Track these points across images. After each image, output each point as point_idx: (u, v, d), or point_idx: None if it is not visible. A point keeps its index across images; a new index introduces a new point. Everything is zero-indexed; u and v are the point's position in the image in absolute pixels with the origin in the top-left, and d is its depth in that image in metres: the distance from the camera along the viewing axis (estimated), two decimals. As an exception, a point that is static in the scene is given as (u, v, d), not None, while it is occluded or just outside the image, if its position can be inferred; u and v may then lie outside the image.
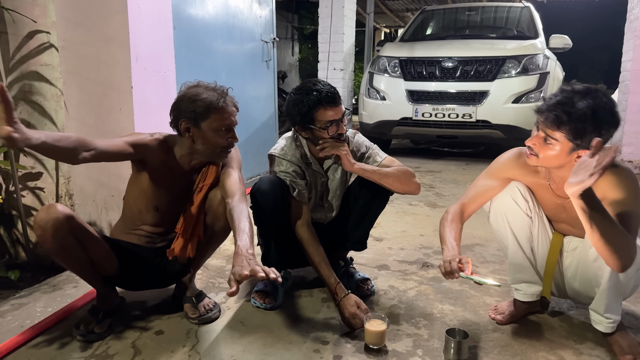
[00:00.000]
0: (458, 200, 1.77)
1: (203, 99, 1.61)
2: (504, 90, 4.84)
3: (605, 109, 1.37)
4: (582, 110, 1.36)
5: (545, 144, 1.45)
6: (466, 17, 6.56)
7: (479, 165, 5.01)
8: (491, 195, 1.72)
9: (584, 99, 1.38)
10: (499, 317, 1.76)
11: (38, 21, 2.21)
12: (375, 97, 5.40)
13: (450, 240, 1.61)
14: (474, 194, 1.74)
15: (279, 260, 1.92)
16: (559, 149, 1.43)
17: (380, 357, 1.53)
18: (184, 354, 1.54)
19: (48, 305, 1.85)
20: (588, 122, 1.36)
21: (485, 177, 1.75)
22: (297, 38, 14.19)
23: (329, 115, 1.73)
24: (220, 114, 1.63)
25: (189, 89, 1.66)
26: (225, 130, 1.66)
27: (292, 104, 1.77)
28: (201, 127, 1.63)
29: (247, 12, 3.66)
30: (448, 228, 1.66)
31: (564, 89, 1.44)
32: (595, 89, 1.41)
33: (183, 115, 1.63)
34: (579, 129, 1.37)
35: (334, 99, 1.73)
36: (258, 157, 3.88)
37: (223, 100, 1.64)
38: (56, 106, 2.28)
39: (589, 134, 1.36)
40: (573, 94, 1.40)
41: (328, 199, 1.97)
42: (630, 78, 4.69)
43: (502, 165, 1.71)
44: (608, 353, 1.56)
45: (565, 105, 1.39)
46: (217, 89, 1.66)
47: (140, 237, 1.75)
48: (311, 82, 1.77)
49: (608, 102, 1.39)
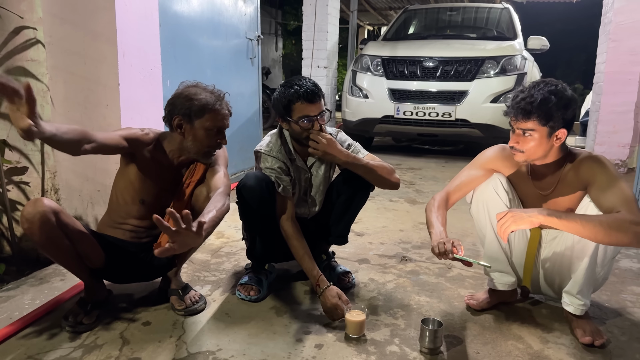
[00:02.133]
0: (443, 188, 1.86)
1: (200, 99, 1.68)
2: (482, 90, 4.96)
3: (560, 90, 1.57)
4: (542, 96, 1.55)
5: (525, 137, 1.60)
6: (447, 17, 6.67)
7: (458, 163, 5.14)
8: (475, 184, 1.83)
9: (540, 88, 1.58)
10: (472, 302, 1.87)
11: (24, 17, 2.22)
12: (358, 95, 5.48)
13: (437, 225, 1.70)
14: (459, 182, 1.84)
15: (263, 254, 1.99)
16: (538, 136, 1.58)
17: (359, 345, 1.61)
18: (171, 344, 1.59)
19: (36, 297, 1.88)
20: (551, 103, 1.54)
21: (470, 168, 1.86)
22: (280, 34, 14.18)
23: (304, 110, 1.79)
24: (215, 115, 1.69)
25: (188, 87, 1.73)
26: (216, 132, 1.72)
27: (276, 95, 1.86)
28: (194, 125, 1.69)
29: (232, 10, 3.70)
30: (435, 214, 1.75)
31: (521, 89, 1.63)
32: (546, 79, 1.62)
33: (178, 111, 1.69)
34: (545, 111, 1.54)
35: (312, 95, 1.79)
36: (242, 153, 3.93)
37: (219, 103, 1.71)
38: (42, 101, 2.30)
39: (556, 113, 1.55)
40: (529, 88, 1.60)
41: (311, 194, 2.03)
42: (603, 80, 4.85)
43: (487, 157, 1.83)
44: (572, 341, 1.67)
45: (527, 98, 1.57)
46: (214, 92, 1.73)
47: (125, 232, 1.78)
48: (297, 78, 1.85)
49: (560, 85, 1.59)
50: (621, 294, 2.06)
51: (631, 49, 4.68)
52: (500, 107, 4.86)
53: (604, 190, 1.55)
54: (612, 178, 1.56)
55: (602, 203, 1.55)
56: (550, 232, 1.77)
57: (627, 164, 4.90)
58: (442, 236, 1.62)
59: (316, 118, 1.81)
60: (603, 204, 1.55)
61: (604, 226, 1.44)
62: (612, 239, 1.47)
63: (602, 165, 1.60)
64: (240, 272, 2.17)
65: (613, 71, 4.78)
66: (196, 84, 1.75)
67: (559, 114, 1.55)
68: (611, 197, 1.53)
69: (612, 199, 1.52)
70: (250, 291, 1.92)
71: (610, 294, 2.05)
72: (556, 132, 1.58)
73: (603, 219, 1.47)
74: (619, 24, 4.70)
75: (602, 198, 1.55)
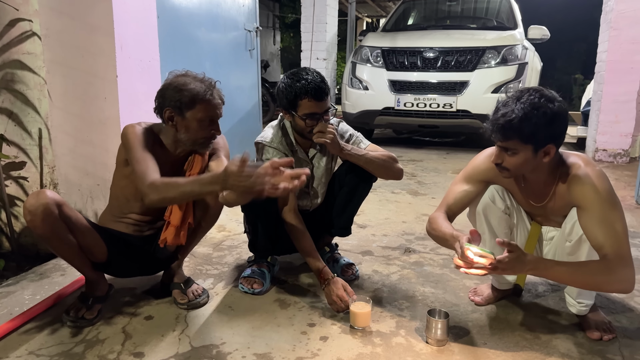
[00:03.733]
0: (439, 206, 1.73)
1: (190, 89, 1.61)
2: (483, 80, 4.93)
3: (543, 104, 1.39)
4: (522, 112, 1.38)
5: (509, 155, 1.47)
6: (447, 8, 6.62)
7: (460, 154, 5.11)
8: (470, 199, 1.71)
9: (519, 102, 1.41)
10: (477, 298, 1.84)
11: (20, 9, 2.18)
12: (358, 87, 5.44)
13: (451, 230, 1.55)
14: (453, 200, 1.71)
15: (266, 246, 1.97)
16: (522, 155, 1.45)
17: (365, 337, 1.59)
18: (174, 338, 1.57)
19: (36, 292, 1.86)
20: (532, 121, 1.38)
21: (461, 182, 1.73)
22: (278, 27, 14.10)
23: (311, 107, 1.76)
24: (206, 105, 1.63)
25: (177, 77, 1.66)
26: (209, 122, 1.66)
27: (282, 86, 1.81)
28: (185, 117, 1.63)
29: (230, 1, 3.66)
30: (443, 223, 1.62)
31: (502, 101, 1.46)
32: (527, 89, 1.45)
33: (168, 104, 1.63)
34: (527, 130, 1.39)
35: (320, 93, 1.75)
36: (242, 146, 3.88)
37: (210, 92, 1.64)
38: (40, 95, 2.27)
39: (539, 131, 1.40)
40: (511, 101, 1.43)
41: (313, 186, 2.01)
42: (605, 69, 4.81)
43: (476, 169, 1.71)
44: (580, 331, 1.65)
45: (505, 115, 1.41)
46: (204, 80, 1.66)
47: (128, 225, 1.76)
48: (305, 71, 1.80)
49: (544, 96, 1.41)
50: (627, 283, 2.04)
51: (633, 38, 4.65)
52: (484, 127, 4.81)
53: (595, 223, 1.44)
54: (605, 210, 1.44)
55: (590, 235, 1.45)
56: (549, 231, 1.74)
57: (629, 153, 4.87)
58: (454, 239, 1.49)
59: (321, 116, 1.79)
60: (592, 238, 1.45)
61: (592, 277, 1.41)
62: (601, 288, 1.49)
63: (596, 190, 1.45)
64: (242, 265, 2.14)
65: (615, 60, 4.75)
66: (185, 72, 1.68)
67: (543, 132, 1.39)
68: (601, 233, 1.42)
69: (602, 236, 1.42)
70: (254, 284, 1.90)
71: (617, 283, 2.03)
72: (543, 148, 1.44)
73: (591, 269, 1.42)
74: (621, 13, 4.67)
75: (592, 231, 1.44)
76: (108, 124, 2.25)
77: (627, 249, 1.42)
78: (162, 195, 1.49)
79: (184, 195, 1.49)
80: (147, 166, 1.54)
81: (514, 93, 1.46)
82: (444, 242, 1.59)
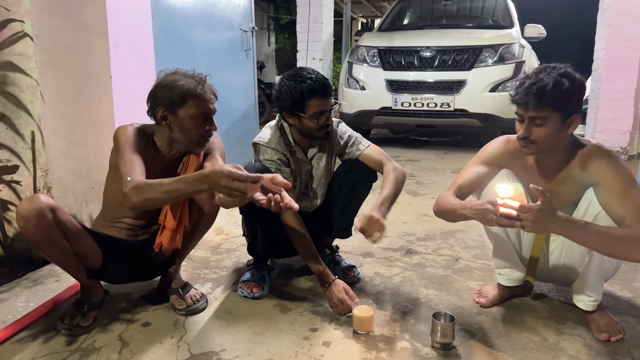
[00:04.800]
0: (448, 187, 1.72)
1: (180, 86, 1.57)
2: (481, 79, 4.90)
3: (570, 73, 1.47)
4: (553, 79, 1.44)
5: (537, 126, 1.49)
6: (443, 7, 6.60)
7: (458, 154, 5.08)
8: (482, 181, 1.70)
9: (548, 72, 1.47)
10: (482, 300, 1.80)
11: (11, 9, 2.14)
12: (354, 87, 5.41)
13: (458, 201, 1.57)
14: (462, 181, 1.71)
15: (265, 249, 1.92)
16: (552, 124, 1.47)
17: (369, 342, 1.55)
18: (172, 345, 1.53)
19: (30, 300, 1.81)
20: (564, 86, 1.44)
21: (474, 164, 1.73)
22: (273, 28, 14.07)
23: (320, 105, 1.74)
24: (197, 100, 1.59)
25: (167, 76, 1.62)
26: (203, 119, 1.62)
27: (284, 89, 1.76)
28: (178, 115, 1.59)
29: (225, 1, 3.62)
30: (453, 198, 1.62)
31: (526, 75, 1.52)
32: (551, 64, 1.51)
33: (160, 103, 1.59)
34: (559, 95, 1.44)
35: (327, 90, 1.74)
36: (239, 147, 3.86)
37: (201, 88, 1.60)
38: (32, 97, 2.22)
39: (570, 97, 1.45)
40: (536, 74, 1.48)
41: (313, 186, 1.97)
42: (602, 66, 4.79)
43: (490, 153, 1.72)
44: (588, 332, 1.62)
45: (537, 83, 1.45)
46: (195, 76, 1.62)
47: (122, 230, 1.72)
48: (305, 70, 1.77)
49: (568, 69, 1.48)
50: (634, 282, 2.01)
51: (630, 35, 4.63)
52: (500, 96, 4.80)
53: (616, 197, 1.46)
54: (625, 183, 1.47)
55: (612, 210, 1.46)
56: None
57: (627, 151, 4.85)
58: (469, 204, 1.48)
59: (329, 112, 1.77)
60: (613, 212, 1.46)
61: (621, 242, 1.39)
62: (629, 255, 1.43)
63: (613, 165, 1.49)
64: (241, 269, 2.10)
65: (612, 57, 4.73)
66: (175, 70, 1.64)
67: (572, 99, 1.46)
68: (623, 206, 1.44)
69: (623, 208, 1.44)
70: (253, 288, 1.85)
71: (623, 283, 2.00)
72: (569, 119, 1.47)
73: (621, 233, 1.40)
74: (618, 10, 4.65)
75: (613, 205, 1.46)
76: (102, 125, 2.21)
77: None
78: (144, 197, 1.39)
79: (168, 195, 1.38)
80: (133, 168, 1.48)
81: (536, 69, 1.51)
82: (452, 214, 1.59)
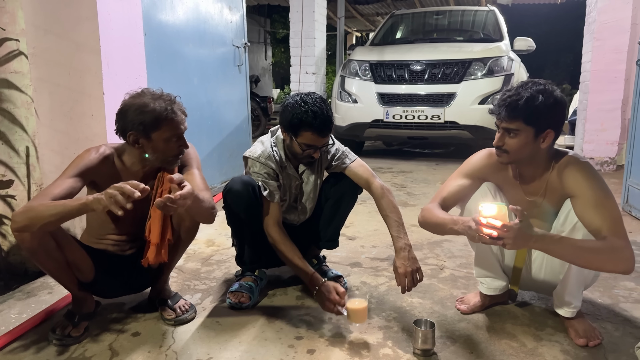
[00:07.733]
0: (432, 199, 1.76)
1: (152, 110, 1.57)
2: (470, 91, 4.99)
3: (547, 89, 1.52)
4: (529, 94, 1.50)
5: (510, 137, 1.56)
6: (434, 21, 6.72)
7: (449, 165, 5.15)
8: (465, 194, 1.74)
9: (527, 88, 1.52)
10: (463, 307, 1.85)
11: (7, 29, 2.20)
12: (347, 100, 5.49)
13: (448, 216, 1.61)
14: (446, 193, 1.75)
15: (252, 259, 1.97)
16: (524, 137, 1.53)
17: (352, 349, 1.59)
18: (161, 354, 1.57)
19: (23, 311, 1.85)
20: (538, 104, 1.49)
21: (457, 177, 1.77)
22: (269, 42, 14.22)
23: (312, 140, 1.78)
24: (169, 123, 1.60)
25: (134, 98, 1.61)
26: (175, 140, 1.64)
27: (290, 107, 1.79)
28: (151, 138, 1.60)
29: (217, 18, 3.70)
30: (440, 211, 1.66)
31: (508, 88, 1.59)
32: (534, 80, 1.57)
33: (131, 127, 1.59)
34: (532, 110, 1.49)
35: (324, 129, 1.76)
36: (232, 160, 3.91)
37: (171, 109, 1.60)
38: (27, 113, 2.27)
39: (543, 113, 1.50)
40: (516, 88, 1.55)
41: (302, 201, 2.02)
42: (590, 78, 4.88)
43: (473, 166, 1.76)
44: (566, 338, 1.66)
45: (513, 97, 1.52)
46: (164, 97, 1.62)
47: (107, 246, 1.75)
48: (315, 100, 1.78)
49: (548, 84, 1.54)
50: (614, 290, 2.06)
51: (616, 47, 4.73)
52: (489, 108, 4.87)
53: (591, 208, 1.50)
54: (599, 194, 1.51)
55: (587, 221, 1.50)
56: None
57: (615, 161, 4.93)
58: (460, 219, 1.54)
59: (320, 148, 1.82)
60: (588, 223, 1.50)
61: (596, 254, 1.44)
62: (604, 266, 1.48)
63: (588, 177, 1.53)
64: (231, 280, 2.14)
65: (599, 70, 4.82)
66: (142, 92, 1.64)
67: (546, 114, 1.50)
68: (598, 217, 1.48)
69: (598, 220, 1.48)
70: (241, 298, 1.90)
71: (603, 290, 2.05)
72: (543, 133, 1.53)
73: (596, 246, 1.45)
74: (603, 23, 4.75)
75: (588, 216, 1.50)
76: (95, 140, 2.26)
77: (624, 232, 1.47)
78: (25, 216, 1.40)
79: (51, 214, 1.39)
80: (44, 192, 1.47)
81: (519, 83, 1.58)
82: (441, 228, 1.63)
